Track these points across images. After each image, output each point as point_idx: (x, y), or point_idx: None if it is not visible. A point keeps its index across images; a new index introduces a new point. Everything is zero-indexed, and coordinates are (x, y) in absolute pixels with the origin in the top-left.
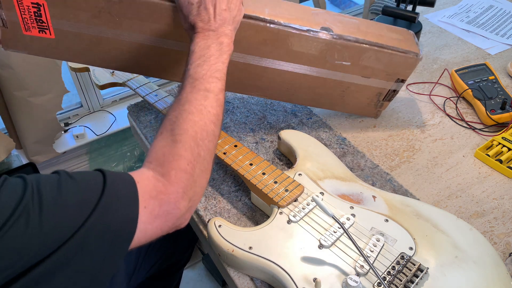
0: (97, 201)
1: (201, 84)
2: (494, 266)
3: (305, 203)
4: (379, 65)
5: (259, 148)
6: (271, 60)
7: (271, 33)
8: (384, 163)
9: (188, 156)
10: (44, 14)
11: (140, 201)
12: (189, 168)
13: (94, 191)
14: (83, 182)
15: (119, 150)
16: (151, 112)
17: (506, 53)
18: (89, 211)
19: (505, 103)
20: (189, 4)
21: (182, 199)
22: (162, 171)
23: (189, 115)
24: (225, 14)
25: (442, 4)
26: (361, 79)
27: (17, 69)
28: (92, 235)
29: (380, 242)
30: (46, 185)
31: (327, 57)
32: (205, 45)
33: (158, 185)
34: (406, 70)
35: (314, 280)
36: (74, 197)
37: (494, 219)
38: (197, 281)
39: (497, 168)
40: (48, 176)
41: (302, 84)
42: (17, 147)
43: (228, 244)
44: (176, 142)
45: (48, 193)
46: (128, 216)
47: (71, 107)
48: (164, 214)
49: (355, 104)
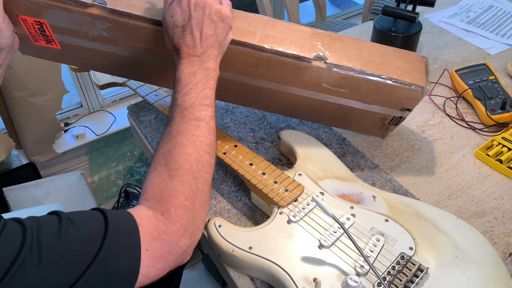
0: (97, 251)
1: (191, 113)
2: (494, 266)
3: (305, 203)
4: (380, 95)
5: (259, 148)
6: (265, 82)
7: (262, 59)
8: (384, 163)
9: (186, 191)
10: (47, 29)
11: (142, 244)
12: (188, 203)
13: (95, 239)
14: (84, 229)
15: (119, 150)
16: (151, 112)
17: (506, 53)
18: (89, 262)
19: (505, 103)
20: (175, 26)
21: (183, 236)
22: (161, 210)
23: (182, 148)
24: (211, 40)
25: (442, 4)
26: (361, 105)
27: (17, 69)
28: (91, 284)
29: (380, 242)
30: (47, 233)
31: (323, 83)
32: (190, 71)
33: (159, 224)
34: (411, 102)
35: (314, 280)
36: (74, 247)
37: (494, 219)
38: (197, 281)
39: (497, 168)
40: (48, 221)
41: (301, 103)
42: (17, 147)
43: (228, 244)
44: (172, 178)
45: (49, 243)
46: (130, 265)
47: (71, 107)
48: (166, 254)
49: (359, 126)
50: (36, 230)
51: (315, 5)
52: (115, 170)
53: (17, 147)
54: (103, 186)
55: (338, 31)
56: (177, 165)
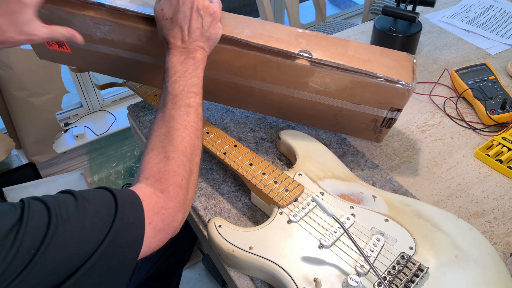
0: (110, 225)
1: (181, 100)
2: (494, 265)
3: (305, 203)
4: (367, 94)
5: (259, 148)
6: (255, 82)
7: (249, 58)
8: (384, 163)
9: (181, 171)
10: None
11: (145, 218)
12: (183, 183)
13: (108, 215)
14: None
15: (119, 150)
16: (151, 112)
17: (506, 53)
18: (104, 235)
19: (505, 103)
20: (164, 19)
21: (179, 212)
22: (160, 187)
23: (176, 132)
24: (197, 33)
25: (442, 4)
26: (350, 105)
27: (17, 69)
28: (104, 257)
29: (380, 242)
30: (68, 210)
31: (310, 82)
32: (177, 61)
33: (159, 201)
34: (398, 100)
35: (315, 280)
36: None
37: (494, 219)
38: (197, 281)
39: (497, 168)
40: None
41: (292, 104)
42: (17, 147)
43: (228, 244)
44: (169, 159)
45: (70, 219)
46: (136, 237)
47: (71, 107)
48: (166, 227)
49: (351, 128)
50: (58, 207)
51: (315, 5)
52: (115, 170)
53: (17, 147)
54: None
55: (338, 31)
56: (173, 147)
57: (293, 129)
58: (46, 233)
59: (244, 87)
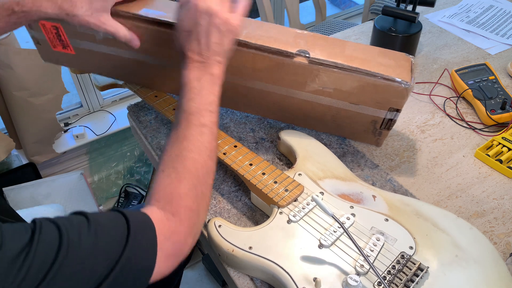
0: (122, 251)
1: (196, 119)
2: (495, 264)
3: (305, 202)
4: (365, 93)
5: (259, 148)
6: (254, 82)
7: (248, 57)
8: (384, 163)
9: (193, 194)
10: (62, 34)
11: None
12: (194, 206)
13: (120, 240)
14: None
15: (119, 150)
16: (151, 112)
17: (506, 53)
18: (115, 261)
19: (505, 103)
20: (182, 30)
21: (190, 236)
22: (171, 210)
23: (189, 153)
24: (216, 48)
25: (442, 4)
26: (349, 105)
27: (17, 69)
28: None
29: (380, 242)
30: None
31: (308, 81)
32: (194, 77)
33: (171, 225)
34: (397, 100)
35: (314, 280)
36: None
37: (494, 219)
38: (197, 281)
39: (497, 168)
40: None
41: (291, 106)
42: (17, 147)
43: (228, 244)
44: (180, 181)
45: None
46: (147, 263)
47: (71, 107)
48: (176, 253)
49: (350, 130)
50: (71, 230)
51: (315, 5)
52: (115, 170)
53: (17, 147)
54: (103, 186)
55: (338, 31)
56: (184, 169)
57: (293, 129)
58: (56, 257)
59: (243, 88)
